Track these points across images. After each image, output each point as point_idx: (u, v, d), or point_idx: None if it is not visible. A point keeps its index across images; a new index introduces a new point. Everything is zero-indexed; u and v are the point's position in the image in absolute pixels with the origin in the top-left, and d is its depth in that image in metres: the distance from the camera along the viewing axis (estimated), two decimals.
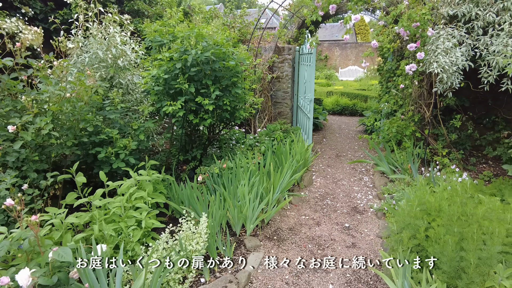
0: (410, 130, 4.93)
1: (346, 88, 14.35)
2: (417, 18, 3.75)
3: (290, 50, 6.77)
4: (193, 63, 3.83)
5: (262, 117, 6.93)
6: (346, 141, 7.76)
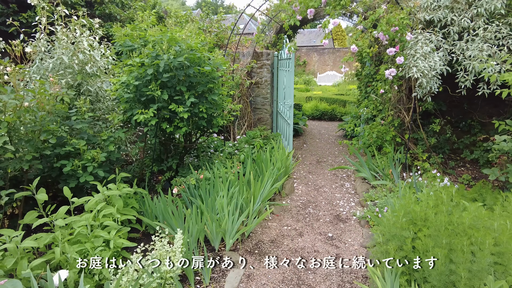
0: (391, 135, 4.88)
1: (325, 93, 14.41)
2: (395, 23, 3.69)
3: (268, 56, 6.64)
4: (165, 68, 3.59)
5: (241, 124, 6.73)
6: (326, 146, 7.68)
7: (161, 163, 4.73)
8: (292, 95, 5.50)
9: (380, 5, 4.08)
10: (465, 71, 4.26)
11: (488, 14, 4.32)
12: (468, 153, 5.49)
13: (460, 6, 4.43)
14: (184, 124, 3.88)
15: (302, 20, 7.54)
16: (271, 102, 6.99)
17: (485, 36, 4.18)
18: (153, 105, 3.76)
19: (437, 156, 5.19)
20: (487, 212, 2.52)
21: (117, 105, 4.52)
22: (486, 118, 5.90)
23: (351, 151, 5.40)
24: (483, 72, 3.94)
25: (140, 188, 3.97)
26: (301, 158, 6.75)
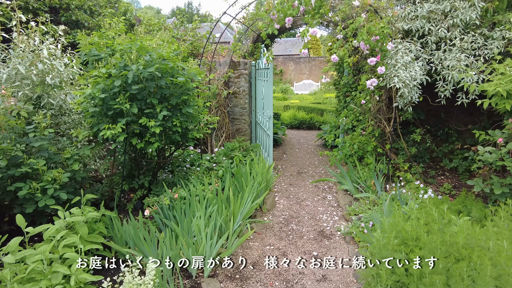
0: (372, 146, 4.76)
1: (302, 102, 14.40)
2: (376, 32, 3.58)
3: (246, 65, 6.43)
4: (134, 80, 3.27)
5: (219, 135, 6.45)
6: (306, 156, 7.52)
7: (132, 180, 4.35)
8: (271, 105, 5.30)
9: (359, 13, 3.98)
10: (444, 81, 4.22)
11: (464, 25, 4.33)
12: (448, 162, 5.48)
13: (437, 16, 4.41)
14: (156, 139, 3.56)
15: (280, 29, 7.41)
16: (250, 112, 6.76)
17: (462, 46, 4.16)
18: (121, 119, 3.42)
19: (418, 166, 5.13)
20: (481, 231, 2.38)
21: (84, 119, 4.13)
22: (462, 126, 5.95)
23: (332, 162, 5.25)
24: (462, 82, 3.90)
25: (108, 211, 3.59)
26: (281, 169, 6.54)
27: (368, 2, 3.89)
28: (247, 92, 6.52)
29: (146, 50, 3.27)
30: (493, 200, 3.55)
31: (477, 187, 3.40)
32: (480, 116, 5.64)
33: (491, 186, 3.36)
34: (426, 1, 4.49)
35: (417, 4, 4.45)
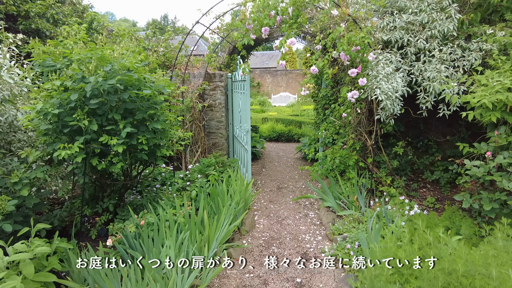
0: (353, 160, 4.55)
1: (280, 114, 14.27)
2: (357, 42, 3.39)
3: (222, 77, 6.14)
4: (94, 93, 2.88)
5: (194, 150, 6.07)
6: (286, 170, 7.25)
7: (96, 203, 3.89)
8: (249, 119, 5.01)
9: (338, 23, 3.80)
10: (425, 92, 4.09)
11: (441, 36, 4.26)
12: (429, 174, 5.36)
13: (415, 27, 4.32)
14: (119, 158, 3.15)
15: (256, 40, 7.21)
16: (226, 125, 6.44)
17: (441, 57, 4.07)
18: (79, 137, 3.00)
19: (401, 179, 4.96)
20: (480, 255, 2.15)
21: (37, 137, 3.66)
22: (441, 138, 5.89)
23: (313, 177, 4.99)
24: (443, 93, 3.78)
25: (65, 242, 3.11)
26: (261, 185, 6.22)
27: (347, 12, 3.72)
28: (224, 105, 6.21)
29: (107, 60, 2.90)
30: (482, 215, 3.38)
31: (465, 202, 3.22)
32: (458, 127, 5.61)
33: (479, 201, 3.19)
34: (404, 12, 4.41)
35: (395, 15, 4.35)
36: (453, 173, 5.28)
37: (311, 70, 3.51)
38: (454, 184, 5.48)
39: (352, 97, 3.64)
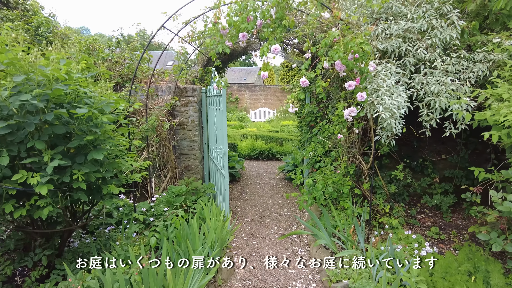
0: (348, 187, 3.85)
1: (260, 130, 13.59)
2: (355, 49, 2.74)
3: (194, 92, 5.36)
4: (3, 113, 2.02)
5: (162, 175, 5.19)
6: (268, 193, 6.47)
7: (25, 255, 2.93)
8: (226, 139, 4.24)
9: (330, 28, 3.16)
10: (428, 108, 3.49)
11: (443, 45, 3.72)
12: (428, 198, 4.76)
13: (413, 36, 3.77)
14: (48, 201, 2.27)
15: (233, 51, 6.51)
16: (201, 146, 5.63)
17: (445, 69, 3.51)
18: None
19: (399, 206, 4.31)
20: None
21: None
22: (435, 156, 5.36)
23: (301, 205, 4.23)
24: (456, 110, 3.19)
25: None
26: (240, 213, 5.39)
27: (339, 15, 3.09)
28: (197, 122, 5.41)
29: (20, 67, 2.05)
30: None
31: (496, 245, 2.56)
32: (454, 145, 5.09)
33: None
34: (401, 19, 3.85)
35: (391, 22, 3.79)
36: (453, 197, 4.71)
37: (300, 82, 2.81)
38: (454, 209, 4.91)
39: (349, 115, 2.96)
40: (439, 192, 4.86)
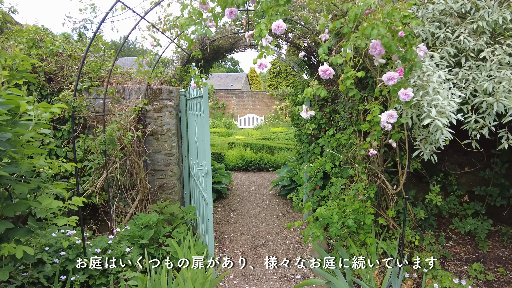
0: (371, 217, 2.89)
1: (248, 137, 12.59)
2: (398, 24, 1.79)
3: (171, 94, 4.32)
4: None
5: (130, 198, 4.10)
6: (261, 214, 5.45)
7: None
8: (208, 152, 3.20)
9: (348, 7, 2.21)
10: (476, 113, 2.58)
11: (491, 30, 2.84)
12: (459, 223, 3.85)
13: (450, 20, 2.87)
14: None
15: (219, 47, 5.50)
16: (179, 159, 4.57)
17: (500, 61, 2.61)
18: None
19: (427, 234, 3.38)
20: None
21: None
22: (457, 169, 4.49)
23: (306, 239, 3.22)
24: None
25: None
26: (228, 242, 4.35)
27: None
28: (175, 131, 4.36)
29: None
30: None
31: None
32: (478, 156, 4.23)
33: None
34: None
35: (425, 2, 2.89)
36: (488, 222, 3.82)
37: (319, 72, 1.84)
38: (487, 235, 4.02)
39: (387, 121, 2.00)
40: (469, 214, 3.97)
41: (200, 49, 5.21)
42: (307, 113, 1.93)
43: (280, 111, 20.73)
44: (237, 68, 50.77)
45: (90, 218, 4.33)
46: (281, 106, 20.68)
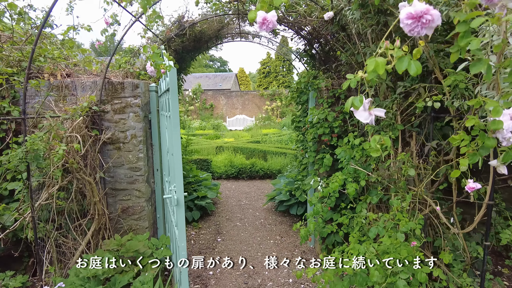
0: (426, 271, 1.89)
1: (238, 140, 11.56)
2: None
3: (137, 89, 3.25)
4: None
5: (80, 229, 3.02)
6: (255, 237, 4.42)
7: None
8: (180, 171, 2.15)
9: None
10: None
11: None
12: None
13: None
14: None
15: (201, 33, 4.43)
16: (150, 175, 3.50)
17: None
18: None
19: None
20: None
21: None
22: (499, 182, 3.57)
23: None
24: None
25: None
26: (214, 281, 3.31)
27: None
28: (142, 138, 3.29)
29: None
30: None
31: None
32: None
33: None
34: None
35: None
36: None
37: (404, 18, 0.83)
38: None
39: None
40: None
41: (178, 34, 4.15)
42: (370, 115, 0.92)
43: (271, 112, 19.76)
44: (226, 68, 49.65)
45: (29, 256, 3.22)
46: (272, 106, 19.71)
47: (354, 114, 0.92)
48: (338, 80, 3.57)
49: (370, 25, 2.27)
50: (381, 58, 0.81)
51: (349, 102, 0.89)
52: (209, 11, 4.22)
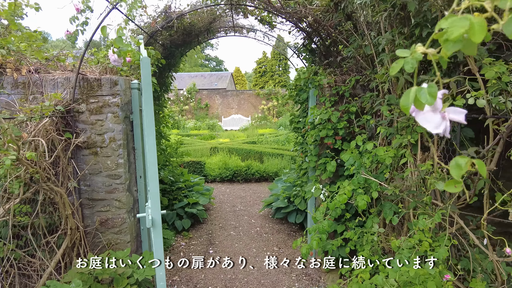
0: None
1: (233, 140, 11.18)
2: None
3: (116, 87, 2.86)
4: None
5: (49, 247, 2.62)
6: (250, 249, 4.05)
7: None
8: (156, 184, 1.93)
9: None
10: None
11: None
12: None
13: None
14: None
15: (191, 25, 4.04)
16: (131, 183, 3.12)
17: None
18: None
19: None
20: None
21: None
22: None
23: None
24: None
25: None
26: None
27: None
28: (123, 142, 2.91)
29: None
30: None
31: None
32: None
33: None
34: None
35: None
36: None
37: None
38: None
39: None
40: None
41: (165, 27, 3.76)
42: (443, 119, 0.55)
43: (268, 112, 19.39)
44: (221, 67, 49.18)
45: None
46: (268, 106, 19.34)
47: (416, 118, 0.56)
48: (342, 76, 3.21)
49: (385, 9, 1.91)
50: (473, 16, 0.45)
51: (410, 96, 0.51)
52: (199, 1, 3.83)
